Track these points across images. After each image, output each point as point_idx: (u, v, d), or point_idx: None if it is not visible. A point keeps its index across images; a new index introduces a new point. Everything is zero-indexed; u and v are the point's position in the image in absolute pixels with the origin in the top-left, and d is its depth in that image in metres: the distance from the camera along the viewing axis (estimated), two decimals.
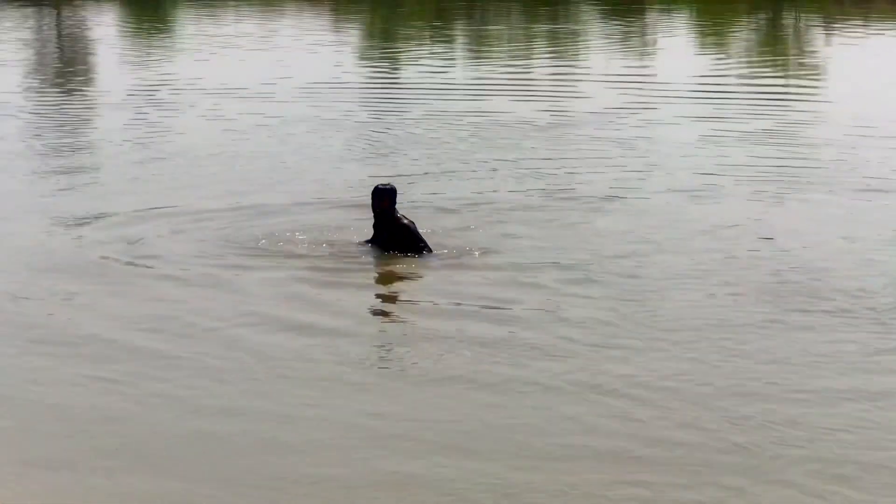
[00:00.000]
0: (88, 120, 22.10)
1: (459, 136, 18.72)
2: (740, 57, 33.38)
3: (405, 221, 11.68)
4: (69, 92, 26.74)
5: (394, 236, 11.61)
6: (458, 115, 20.76)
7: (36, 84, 28.52)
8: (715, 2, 50.19)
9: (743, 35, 39.66)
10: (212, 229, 12.94)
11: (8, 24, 44.04)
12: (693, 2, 50.99)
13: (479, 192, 14.64)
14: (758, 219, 13.25)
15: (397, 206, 11.78)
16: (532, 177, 15.57)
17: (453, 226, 12.89)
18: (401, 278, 11.47)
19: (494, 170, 16.03)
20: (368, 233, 12.04)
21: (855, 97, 22.46)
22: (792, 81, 27.55)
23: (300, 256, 11.78)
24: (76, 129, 20.83)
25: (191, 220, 13.40)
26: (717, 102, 22.27)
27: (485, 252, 11.84)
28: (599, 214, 13.63)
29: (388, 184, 11.86)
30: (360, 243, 12.01)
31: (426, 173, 15.83)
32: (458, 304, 10.36)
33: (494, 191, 14.73)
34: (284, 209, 13.83)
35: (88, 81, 29.59)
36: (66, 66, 33.29)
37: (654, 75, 27.87)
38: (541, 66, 30.28)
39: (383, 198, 11.59)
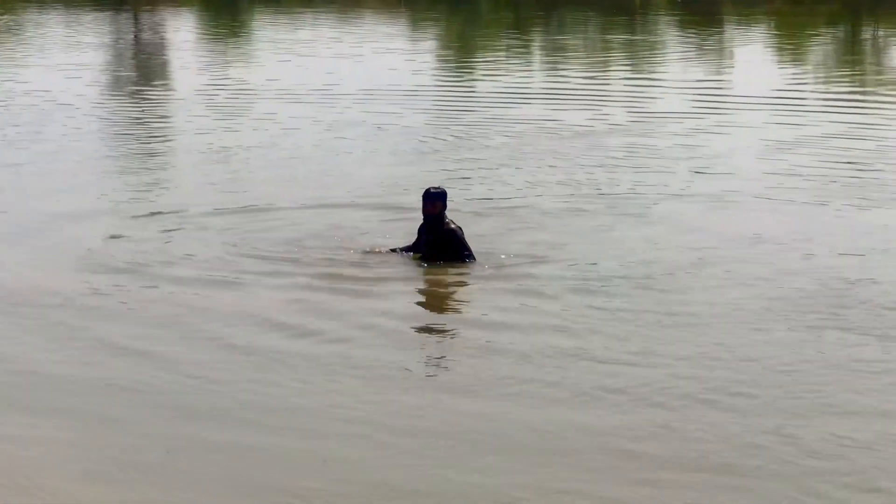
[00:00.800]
0: (153, 121, 22.33)
1: (508, 142, 18.69)
2: (813, 68, 33.10)
3: (453, 227, 11.48)
4: (139, 94, 27.07)
5: (439, 241, 11.41)
6: (514, 121, 20.70)
7: (109, 86, 28.87)
8: (793, 14, 49.78)
9: (819, 47, 39.26)
10: (246, 231, 12.85)
11: (87, 27, 44.64)
12: (770, 14, 50.49)
13: (519, 197, 14.50)
14: (797, 228, 13.02)
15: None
16: (575, 183, 15.43)
17: (491, 231, 12.70)
18: (442, 290, 11.21)
19: (539, 176, 15.92)
20: (408, 236, 11.92)
21: None
22: (862, 92, 27.02)
23: (336, 263, 11.54)
24: (141, 129, 21.08)
25: (224, 221, 13.40)
26: (780, 112, 21.96)
27: (525, 263, 11.62)
28: (637, 222, 13.47)
29: (439, 187, 11.64)
30: (399, 249, 11.81)
31: (466, 177, 15.71)
32: (497, 319, 10.05)
33: (537, 196, 14.57)
34: (326, 211, 13.76)
35: (159, 84, 30.00)
36: (139, 69, 33.77)
37: (722, 86, 27.69)
38: (608, 76, 30.16)
39: (435, 201, 11.38)
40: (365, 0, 56.79)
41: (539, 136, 19.30)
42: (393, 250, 11.83)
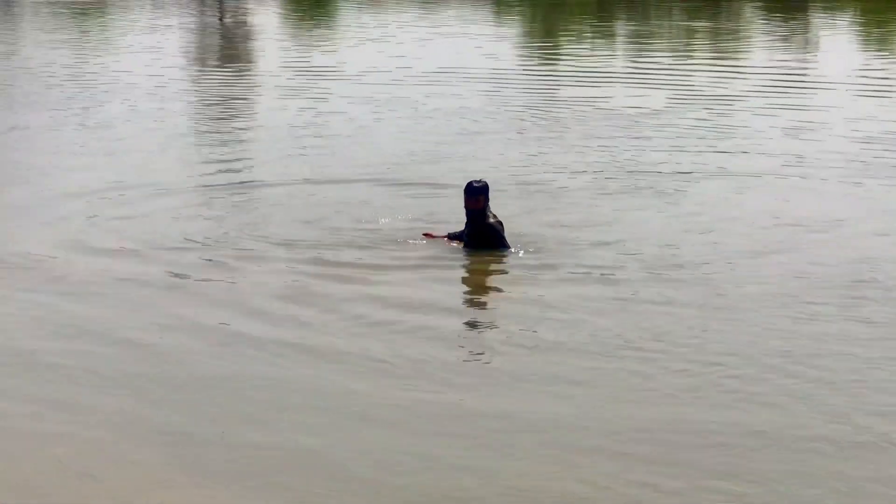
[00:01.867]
0: (227, 101, 22.67)
1: (565, 123, 18.76)
2: (886, 56, 32.68)
3: (492, 221, 11.60)
4: (216, 75, 27.54)
5: (479, 234, 11.53)
6: (578, 103, 20.80)
7: (188, 67, 29.59)
8: (878, 1, 48.99)
9: None
10: (303, 208, 13.01)
11: (173, 11, 45.72)
12: (857, 0, 50.07)
13: (559, 177, 14.50)
14: (823, 210, 12.98)
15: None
16: (619, 163, 15.46)
17: (525, 211, 12.69)
18: (476, 278, 11.19)
19: (587, 157, 15.92)
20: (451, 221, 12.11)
21: None
22: None
23: (382, 247, 11.51)
24: (212, 109, 21.55)
25: (278, 196, 13.65)
26: (851, 96, 21.84)
27: (566, 249, 11.51)
28: (672, 204, 13.44)
29: (481, 180, 11.66)
30: (444, 236, 11.87)
31: (516, 157, 15.81)
32: (525, 308, 9.96)
33: (573, 177, 14.54)
34: (376, 193, 13.88)
35: (237, 66, 30.60)
36: (220, 52, 34.50)
37: (794, 70, 27.30)
38: (682, 60, 29.95)
39: (478, 196, 11.50)
40: None
41: (598, 118, 19.34)
42: (449, 235, 11.95)
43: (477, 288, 11.23)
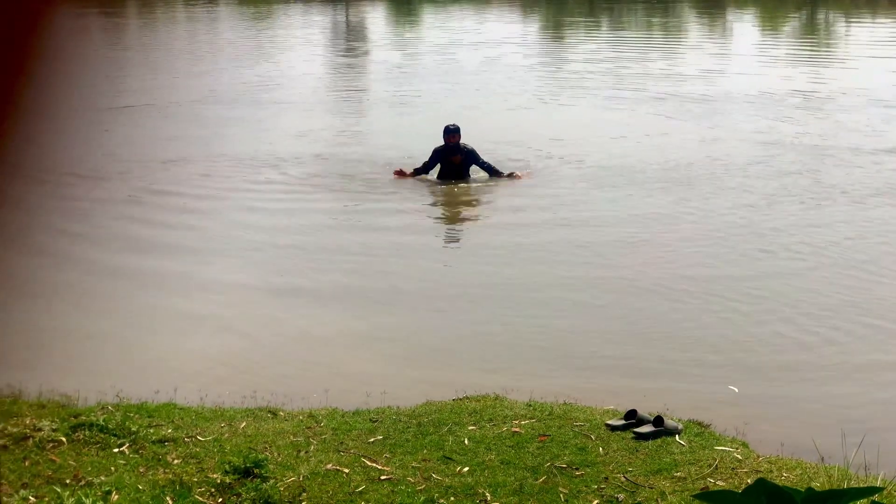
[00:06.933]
0: (353, 85, 23.23)
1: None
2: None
3: (470, 147, 12.26)
4: (348, 67, 27.88)
5: (464, 158, 12.25)
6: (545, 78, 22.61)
7: (323, 61, 29.44)
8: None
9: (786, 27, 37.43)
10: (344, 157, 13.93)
11: (314, 15, 47.53)
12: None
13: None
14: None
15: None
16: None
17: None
18: (449, 202, 11.87)
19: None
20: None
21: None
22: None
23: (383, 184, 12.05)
24: (342, 76, 23.42)
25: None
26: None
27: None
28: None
29: (455, 123, 12.29)
30: (416, 170, 12.32)
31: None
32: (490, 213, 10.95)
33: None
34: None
35: (356, 48, 32.71)
36: (347, 49, 34.76)
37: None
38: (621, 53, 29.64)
39: (455, 134, 12.26)
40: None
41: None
42: (415, 170, 12.34)
43: (448, 209, 11.91)
